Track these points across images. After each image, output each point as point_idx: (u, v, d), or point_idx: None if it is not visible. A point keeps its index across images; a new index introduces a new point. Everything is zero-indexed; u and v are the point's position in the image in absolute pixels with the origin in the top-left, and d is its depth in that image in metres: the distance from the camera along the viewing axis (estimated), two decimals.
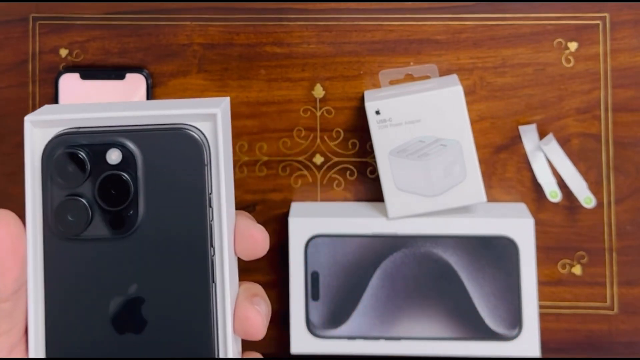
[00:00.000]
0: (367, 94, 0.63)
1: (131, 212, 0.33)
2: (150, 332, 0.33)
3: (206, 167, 0.33)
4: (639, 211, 0.63)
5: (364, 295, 0.60)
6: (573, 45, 0.64)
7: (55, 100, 0.64)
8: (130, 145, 0.33)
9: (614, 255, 0.63)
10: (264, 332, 0.35)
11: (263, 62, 0.65)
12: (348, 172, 0.65)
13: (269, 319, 0.35)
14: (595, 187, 0.63)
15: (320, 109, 0.65)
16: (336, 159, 0.65)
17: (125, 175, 0.33)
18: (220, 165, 0.34)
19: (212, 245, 0.33)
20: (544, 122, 0.64)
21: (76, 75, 0.64)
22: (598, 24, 0.63)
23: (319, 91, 0.65)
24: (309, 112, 0.65)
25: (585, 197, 0.62)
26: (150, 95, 0.64)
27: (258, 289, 0.36)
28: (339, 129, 0.65)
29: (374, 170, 0.64)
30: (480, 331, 0.60)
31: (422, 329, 0.60)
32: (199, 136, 0.33)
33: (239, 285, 0.36)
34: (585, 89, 0.64)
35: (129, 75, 0.64)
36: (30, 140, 0.34)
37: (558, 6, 0.63)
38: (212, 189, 0.34)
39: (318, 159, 0.65)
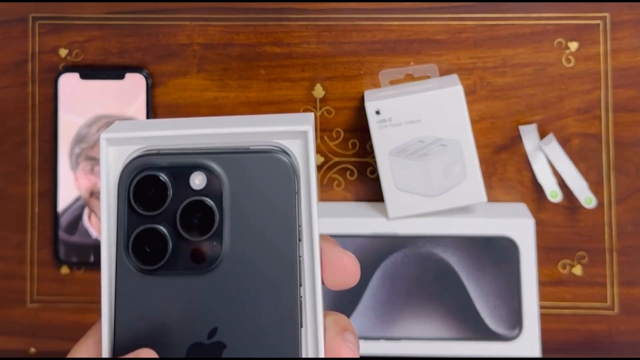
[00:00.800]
0: (367, 94, 0.62)
1: (214, 243, 0.30)
2: None
3: (297, 195, 0.30)
4: (639, 211, 0.63)
5: (364, 296, 0.60)
6: (573, 45, 0.63)
7: (55, 100, 0.64)
8: (216, 168, 0.30)
9: (615, 255, 0.63)
10: None
11: (263, 62, 0.65)
12: (348, 172, 0.65)
13: (359, 354, 0.33)
14: (595, 187, 0.63)
15: (320, 109, 0.65)
16: (336, 159, 0.65)
17: (211, 202, 0.30)
18: (312, 193, 0.31)
19: (301, 285, 0.30)
20: (544, 122, 0.64)
21: (76, 75, 0.64)
22: (598, 24, 0.63)
23: (319, 91, 0.65)
24: (309, 112, 0.65)
25: (586, 197, 0.62)
26: (150, 95, 0.64)
27: (347, 322, 0.33)
28: (339, 129, 0.65)
29: (374, 170, 0.64)
30: (480, 331, 0.60)
31: (423, 329, 0.60)
32: (289, 160, 0.30)
33: (325, 316, 0.32)
34: (586, 89, 0.63)
35: (128, 75, 0.64)
36: (106, 160, 0.31)
37: (558, 6, 0.63)
38: (302, 220, 0.31)
39: (318, 159, 0.65)
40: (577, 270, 0.64)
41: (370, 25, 0.64)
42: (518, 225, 0.60)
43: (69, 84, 0.64)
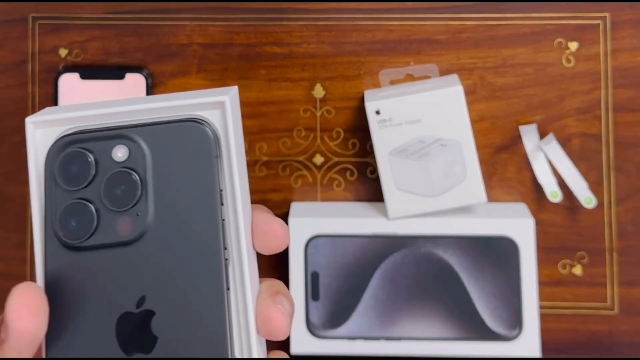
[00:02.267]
0: (367, 94, 0.62)
1: (139, 214, 0.31)
2: (161, 350, 0.30)
3: (216, 160, 0.31)
4: (639, 211, 0.63)
5: (364, 296, 0.60)
6: (573, 45, 0.63)
7: (55, 100, 0.64)
8: (137, 139, 0.31)
9: (615, 255, 0.63)
10: (288, 332, 0.33)
11: (263, 62, 0.65)
12: (348, 172, 0.65)
13: (292, 317, 0.34)
14: (595, 187, 0.63)
15: (320, 109, 0.65)
16: (336, 159, 0.65)
17: (133, 173, 0.31)
18: (232, 157, 0.31)
19: (225, 247, 0.31)
20: (544, 122, 0.64)
21: (76, 75, 0.64)
22: (598, 24, 0.63)
23: (319, 91, 0.65)
24: (309, 112, 0.65)
25: (586, 197, 0.62)
26: (150, 95, 0.64)
27: (280, 286, 0.34)
28: (339, 129, 0.65)
29: (374, 170, 0.64)
30: (480, 331, 0.60)
31: (423, 329, 0.60)
32: (208, 128, 0.31)
33: (260, 282, 0.34)
34: (586, 89, 0.63)
35: (128, 75, 0.64)
36: (33, 143, 0.32)
37: (558, 6, 0.63)
38: (224, 185, 0.31)
39: (318, 159, 0.65)
40: (577, 270, 0.64)
41: (370, 25, 0.64)
42: (518, 226, 0.60)
43: (69, 84, 0.64)
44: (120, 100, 0.34)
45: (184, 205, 0.31)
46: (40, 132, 0.32)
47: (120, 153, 0.31)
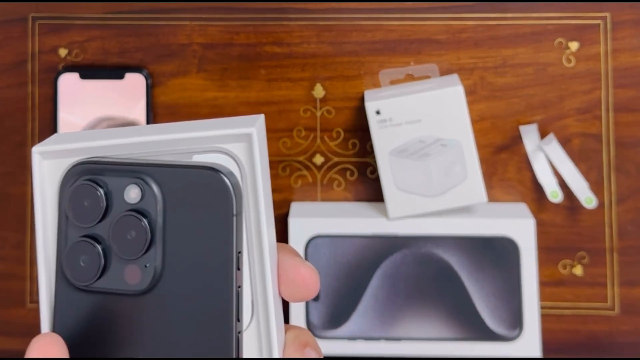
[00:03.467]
0: (367, 94, 0.62)
1: (147, 265, 0.28)
2: None
3: (236, 218, 0.28)
4: (639, 211, 0.63)
5: (364, 296, 0.60)
6: (574, 45, 0.63)
7: (54, 100, 0.64)
8: (151, 182, 0.28)
9: (615, 255, 0.63)
10: None
11: (263, 62, 0.65)
12: (348, 172, 0.65)
13: None
14: (596, 187, 0.63)
15: (320, 109, 0.65)
16: (336, 159, 0.65)
17: (144, 220, 0.28)
18: (259, 199, 0.28)
19: (239, 320, 0.28)
20: (544, 122, 0.64)
21: (76, 75, 0.64)
22: (599, 24, 0.63)
23: (319, 91, 0.65)
24: (309, 112, 0.65)
25: (586, 197, 0.62)
26: (150, 95, 0.64)
27: (308, 336, 0.32)
28: (339, 129, 0.65)
29: (374, 171, 0.64)
30: (480, 332, 0.60)
31: (423, 329, 0.60)
32: (229, 179, 0.28)
33: (286, 332, 0.31)
34: (586, 89, 0.63)
35: (128, 75, 0.64)
36: (39, 175, 0.29)
37: (559, 6, 0.63)
38: (242, 244, 0.28)
39: (318, 159, 0.65)
40: (578, 270, 0.63)
41: (371, 25, 0.64)
42: (518, 226, 0.60)
43: (69, 84, 0.64)
44: (139, 128, 0.31)
45: (196, 263, 0.28)
46: (48, 163, 0.29)
47: (133, 194, 0.28)
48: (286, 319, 0.61)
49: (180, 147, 0.29)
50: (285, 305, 0.62)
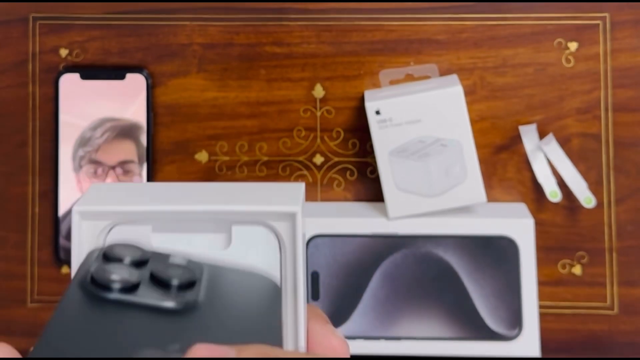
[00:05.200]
0: (367, 94, 0.63)
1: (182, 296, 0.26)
2: None
3: (280, 314, 0.27)
4: (639, 211, 0.63)
5: (364, 295, 0.60)
6: (573, 45, 0.64)
7: (55, 100, 0.64)
8: (195, 274, 0.26)
9: (614, 255, 0.63)
10: None
11: (263, 62, 0.65)
12: (348, 172, 0.65)
13: None
14: (595, 187, 0.63)
15: (320, 109, 0.65)
16: (336, 159, 0.65)
17: (187, 267, 0.26)
18: (298, 276, 0.28)
19: None
20: (544, 122, 0.64)
21: (76, 76, 0.64)
22: (598, 24, 0.63)
23: (319, 91, 0.65)
24: (309, 112, 0.65)
25: (586, 197, 0.62)
26: (151, 95, 0.64)
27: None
28: (339, 129, 0.65)
29: (374, 170, 0.64)
30: (480, 331, 0.60)
31: (423, 329, 0.60)
32: (275, 286, 0.28)
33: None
34: (586, 89, 0.64)
35: (129, 76, 0.64)
36: (79, 234, 0.28)
37: (558, 6, 0.63)
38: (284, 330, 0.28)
39: (318, 159, 0.65)
40: (577, 270, 0.64)
41: (371, 25, 0.64)
42: (518, 225, 0.60)
43: (70, 84, 0.64)
44: (180, 190, 0.29)
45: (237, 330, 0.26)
46: (86, 224, 0.28)
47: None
48: None
49: (221, 216, 0.28)
50: None
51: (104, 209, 0.28)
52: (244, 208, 0.28)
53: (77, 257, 0.28)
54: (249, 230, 0.28)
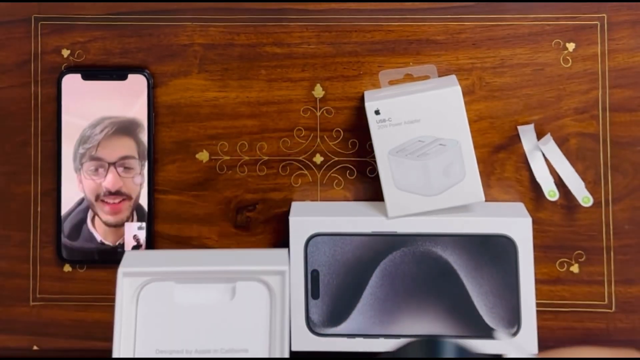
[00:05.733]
0: (367, 94, 0.63)
1: None
2: None
3: None
4: (636, 210, 0.64)
5: (363, 294, 0.61)
6: (571, 46, 0.64)
7: (58, 100, 0.64)
8: None
9: (612, 254, 0.64)
10: None
11: (263, 62, 0.65)
12: (348, 172, 0.65)
13: None
14: (593, 186, 0.64)
15: (320, 108, 0.65)
16: (336, 159, 0.65)
17: None
18: (285, 322, 0.40)
19: None
20: (542, 122, 0.64)
21: (78, 76, 0.64)
22: (596, 25, 0.64)
23: (319, 91, 0.65)
24: (309, 112, 0.65)
25: (583, 196, 0.62)
26: (152, 95, 0.64)
27: None
28: (339, 129, 0.65)
29: (374, 170, 0.65)
30: (478, 329, 0.60)
31: (422, 326, 0.60)
32: None
33: None
34: (584, 89, 0.64)
35: (130, 76, 0.64)
36: (121, 289, 0.39)
37: (556, 7, 0.64)
38: None
39: (318, 159, 0.65)
40: (575, 268, 0.64)
41: (370, 26, 0.65)
42: (516, 224, 0.60)
43: (72, 84, 0.64)
44: (195, 256, 0.41)
45: None
46: (127, 280, 0.39)
47: None
48: None
49: (227, 275, 0.38)
50: None
51: (140, 270, 0.39)
52: (247, 268, 0.38)
53: (119, 310, 0.39)
54: (249, 285, 0.39)
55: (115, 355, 0.39)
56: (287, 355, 0.38)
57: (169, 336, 0.39)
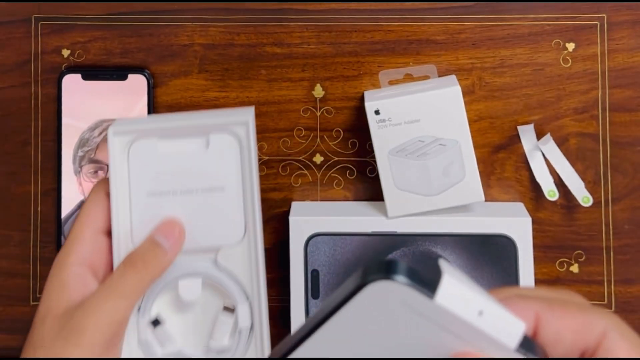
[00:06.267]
0: (367, 94, 0.63)
1: None
2: None
3: None
4: (636, 210, 0.64)
5: None
6: (571, 46, 0.64)
7: (58, 100, 0.64)
8: None
9: (612, 254, 0.64)
10: None
11: (263, 62, 0.65)
12: (348, 172, 0.65)
13: None
14: (592, 186, 0.64)
15: (320, 108, 0.65)
16: (336, 159, 0.65)
17: None
18: (252, 163, 0.45)
19: None
20: (542, 122, 0.64)
21: (78, 76, 0.64)
22: (596, 25, 0.64)
23: (319, 91, 0.65)
24: (309, 112, 0.65)
25: (583, 196, 0.62)
26: (152, 95, 0.65)
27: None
28: (339, 129, 0.65)
29: (374, 170, 0.65)
30: None
31: None
32: None
33: None
34: (583, 89, 0.64)
35: (130, 76, 0.64)
36: (113, 148, 0.45)
37: (556, 7, 0.64)
38: None
39: (318, 159, 0.65)
40: (575, 268, 0.64)
41: (370, 26, 0.65)
42: (516, 224, 0.60)
43: (72, 85, 0.64)
44: (176, 116, 0.48)
45: None
46: (118, 139, 0.45)
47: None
48: (287, 318, 0.62)
49: (202, 129, 0.45)
50: (286, 304, 0.63)
51: (129, 128, 0.45)
52: (217, 121, 0.45)
53: (113, 165, 0.45)
54: (221, 136, 0.45)
55: (113, 202, 0.44)
56: (257, 197, 0.45)
57: (156, 182, 0.46)
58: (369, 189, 0.65)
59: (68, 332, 0.40)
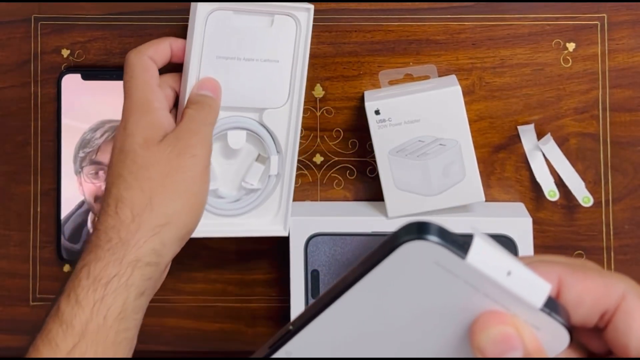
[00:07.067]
0: (367, 94, 0.63)
1: None
2: None
3: None
4: (636, 210, 0.64)
5: None
6: (571, 46, 0.64)
7: (58, 100, 0.64)
8: None
9: (612, 253, 0.64)
10: None
11: None
12: (348, 172, 0.65)
13: None
14: (593, 186, 0.64)
15: (320, 108, 0.65)
16: (336, 159, 0.65)
17: None
18: (307, 46, 0.57)
19: None
20: (542, 122, 0.64)
21: (78, 76, 0.64)
22: (596, 25, 0.64)
23: (318, 91, 0.65)
24: (309, 112, 0.65)
25: (583, 196, 0.62)
26: None
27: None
28: (339, 129, 0.65)
29: (374, 170, 0.65)
30: None
31: None
32: None
33: None
34: (584, 89, 0.64)
35: None
36: (194, 15, 0.55)
37: (556, 7, 0.64)
38: None
39: (318, 159, 0.65)
40: None
41: (370, 26, 0.65)
42: (516, 224, 0.60)
43: (71, 85, 0.64)
44: None
45: None
46: (201, 7, 0.54)
47: None
48: (286, 317, 0.62)
49: (268, 9, 0.56)
50: (286, 303, 0.63)
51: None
52: (283, 4, 0.56)
53: (190, 35, 0.56)
54: (283, 17, 0.56)
55: (191, 57, 0.55)
56: (304, 73, 0.58)
57: (225, 47, 0.55)
58: (369, 189, 0.65)
59: (181, 149, 0.50)
